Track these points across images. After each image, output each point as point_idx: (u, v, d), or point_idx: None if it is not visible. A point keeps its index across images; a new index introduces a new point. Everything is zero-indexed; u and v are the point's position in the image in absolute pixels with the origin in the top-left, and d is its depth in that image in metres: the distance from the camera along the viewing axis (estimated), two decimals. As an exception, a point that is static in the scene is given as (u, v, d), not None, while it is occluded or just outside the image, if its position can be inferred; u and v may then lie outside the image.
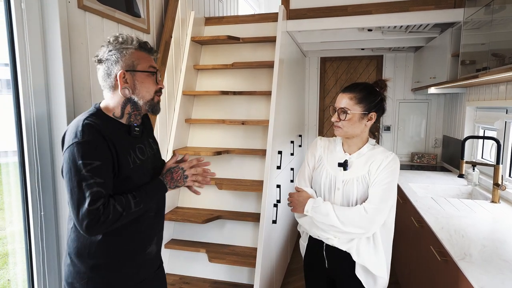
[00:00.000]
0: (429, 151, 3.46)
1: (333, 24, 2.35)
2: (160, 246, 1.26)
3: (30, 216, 1.34)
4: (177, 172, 1.15)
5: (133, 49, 1.07)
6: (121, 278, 1.08)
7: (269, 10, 4.91)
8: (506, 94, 2.04)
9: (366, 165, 1.27)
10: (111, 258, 1.05)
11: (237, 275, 2.05)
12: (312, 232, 1.35)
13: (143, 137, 1.16)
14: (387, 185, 1.21)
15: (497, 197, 1.94)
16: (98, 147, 0.96)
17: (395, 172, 1.24)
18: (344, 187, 1.28)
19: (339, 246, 1.29)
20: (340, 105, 1.27)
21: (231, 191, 2.21)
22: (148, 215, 1.13)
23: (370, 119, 1.28)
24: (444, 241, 1.42)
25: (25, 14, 1.26)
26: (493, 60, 1.75)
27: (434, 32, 2.63)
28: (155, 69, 1.11)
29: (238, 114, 2.45)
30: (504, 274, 1.15)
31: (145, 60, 1.09)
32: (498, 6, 1.76)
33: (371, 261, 1.25)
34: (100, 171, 0.95)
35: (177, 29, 2.25)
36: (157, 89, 1.11)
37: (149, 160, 1.14)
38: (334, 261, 1.34)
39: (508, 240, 1.44)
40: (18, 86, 1.28)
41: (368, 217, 1.19)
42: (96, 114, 1.03)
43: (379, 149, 1.30)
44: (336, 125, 1.29)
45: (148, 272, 1.17)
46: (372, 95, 1.27)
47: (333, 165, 1.32)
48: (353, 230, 1.21)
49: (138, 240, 1.11)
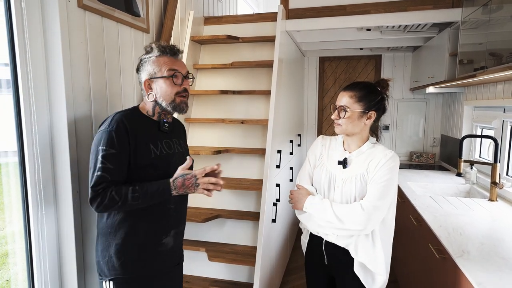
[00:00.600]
0: (427, 150, 3.48)
1: (331, 23, 2.36)
2: (180, 242, 1.32)
3: (30, 215, 1.34)
4: (189, 179, 1.14)
5: (154, 58, 1.20)
6: (134, 262, 1.17)
7: (267, 9, 4.92)
8: (503, 93, 2.05)
9: (365, 163, 1.28)
10: (126, 241, 1.16)
11: (236, 274, 2.06)
12: (312, 229, 1.37)
13: (172, 135, 1.29)
14: (385, 183, 1.22)
15: (495, 195, 1.96)
16: (118, 138, 1.10)
17: (393, 170, 1.24)
18: (343, 185, 1.29)
19: (338, 242, 1.30)
20: (340, 103, 1.29)
21: (231, 190, 2.21)
22: (167, 207, 1.22)
23: (369, 117, 1.29)
24: (442, 238, 1.43)
25: (25, 13, 1.26)
26: (491, 60, 1.77)
27: (432, 32, 2.64)
28: (173, 71, 1.19)
29: (237, 113, 2.45)
30: (502, 271, 1.16)
31: (165, 65, 1.19)
32: (495, 6, 1.77)
33: (369, 258, 1.26)
34: (112, 158, 1.09)
35: (176, 29, 2.25)
36: (179, 90, 1.20)
37: (176, 155, 1.26)
38: (333, 258, 1.35)
39: (506, 238, 1.45)
40: (18, 86, 1.27)
41: (365, 214, 1.20)
42: (131, 110, 1.22)
43: (379, 148, 1.31)
44: (336, 123, 1.31)
45: (165, 264, 1.25)
46: (373, 94, 1.29)
47: (333, 163, 1.34)
48: (350, 227, 1.22)
49: (153, 228, 1.20)
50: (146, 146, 1.16)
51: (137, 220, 1.17)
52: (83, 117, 1.46)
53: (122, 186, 1.10)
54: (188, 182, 1.14)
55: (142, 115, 1.23)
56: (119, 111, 1.20)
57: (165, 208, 1.21)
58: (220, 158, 2.29)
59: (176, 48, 1.23)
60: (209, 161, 2.28)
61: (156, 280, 1.22)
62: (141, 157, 1.14)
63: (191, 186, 1.14)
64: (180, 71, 1.20)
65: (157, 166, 1.18)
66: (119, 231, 1.16)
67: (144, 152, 1.15)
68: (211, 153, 2.13)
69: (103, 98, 1.58)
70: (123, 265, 1.16)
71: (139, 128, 1.16)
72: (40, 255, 1.36)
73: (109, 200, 1.07)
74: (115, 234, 1.16)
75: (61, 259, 1.43)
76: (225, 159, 2.33)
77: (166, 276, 1.26)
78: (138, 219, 1.17)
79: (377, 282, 1.29)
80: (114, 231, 1.16)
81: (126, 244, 1.16)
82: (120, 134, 1.11)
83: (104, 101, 1.59)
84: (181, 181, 1.13)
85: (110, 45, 1.62)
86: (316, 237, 1.39)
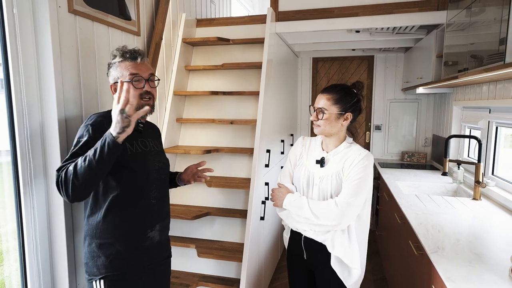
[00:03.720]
0: (419, 150, 3.52)
1: (320, 26, 2.41)
2: (166, 236, 1.36)
3: (23, 213, 1.39)
4: (117, 114, 1.05)
5: (117, 63, 1.23)
6: (122, 259, 1.20)
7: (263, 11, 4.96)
8: (488, 94, 2.09)
9: (341, 162, 1.35)
10: (113, 239, 1.20)
11: (225, 270, 2.11)
12: (291, 225, 1.42)
13: (147, 135, 1.33)
14: (358, 181, 1.28)
15: (478, 194, 2.00)
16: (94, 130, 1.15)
17: (367, 168, 1.30)
18: (321, 183, 1.35)
19: (315, 237, 1.35)
20: (318, 105, 1.35)
21: (220, 189, 2.26)
22: (148, 201, 1.26)
23: (346, 119, 1.36)
24: (420, 235, 1.47)
25: (17, 18, 1.32)
26: (472, 62, 1.81)
27: (421, 34, 2.69)
28: (134, 75, 1.21)
29: (227, 113, 2.50)
30: (472, 266, 1.20)
31: (126, 70, 1.22)
32: (477, 9, 1.81)
33: (345, 252, 1.31)
34: (84, 145, 1.12)
35: (168, 31, 2.31)
36: (140, 92, 1.22)
37: (152, 153, 1.30)
38: (311, 252, 1.41)
39: (483, 235, 1.49)
40: (11, 87, 1.33)
41: (338, 210, 1.26)
42: (107, 112, 1.25)
43: (355, 147, 1.38)
44: (314, 124, 1.37)
45: (153, 258, 1.29)
46: (349, 96, 1.35)
47: (312, 162, 1.41)
48: (325, 223, 1.27)
49: (137, 223, 1.24)
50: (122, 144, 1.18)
51: (121, 217, 1.20)
52: (74, 116, 1.51)
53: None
54: (117, 116, 1.05)
55: None
56: (96, 113, 1.26)
57: (147, 203, 1.25)
58: (210, 158, 2.35)
59: (138, 52, 1.24)
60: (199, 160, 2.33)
61: (145, 275, 1.26)
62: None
63: (120, 115, 1.04)
64: (141, 75, 1.22)
65: (133, 162, 1.21)
66: (104, 230, 1.19)
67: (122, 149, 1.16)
68: (201, 153, 2.19)
69: (94, 98, 1.64)
70: (112, 263, 1.19)
71: None
72: (32, 251, 1.41)
73: (65, 174, 1.05)
74: (101, 233, 1.19)
75: (53, 255, 1.48)
76: (215, 159, 2.38)
77: (155, 270, 1.30)
78: (121, 216, 1.20)
79: (353, 276, 1.34)
80: (99, 231, 1.19)
81: (113, 242, 1.19)
82: (97, 126, 1.16)
83: (94, 101, 1.64)
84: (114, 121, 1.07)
85: (100, 48, 1.68)
86: (296, 233, 1.45)
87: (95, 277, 1.20)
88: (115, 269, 1.19)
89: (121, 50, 1.23)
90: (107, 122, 1.14)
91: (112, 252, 1.19)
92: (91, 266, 1.21)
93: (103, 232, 1.19)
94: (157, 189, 1.29)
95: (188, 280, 2.04)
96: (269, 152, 2.28)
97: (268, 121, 2.32)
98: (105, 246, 1.19)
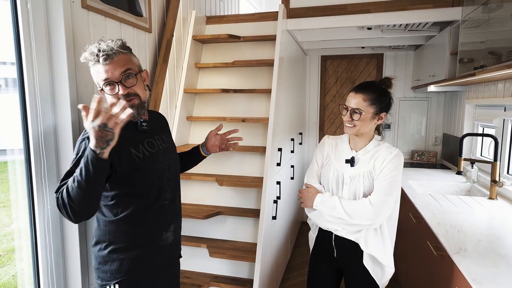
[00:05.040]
0: (429, 149, 3.48)
1: (332, 22, 2.37)
2: (178, 236, 1.34)
3: (36, 211, 1.37)
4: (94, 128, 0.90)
5: (91, 67, 1.07)
6: (138, 262, 1.16)
7: (270, 8, 4.93)
8: (504, 92, 2.06)
9: (371, 161, 1.34)
10: (128, 242, 1.15)
11: (237, 270, 2.08)
12: (322, 225, 1.41)
13: (153, 133, 1.23)
14: (391, 179, 1.28)
15: (494, 193, 1.97)
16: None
17: (398, 167, 1.30)
18: (351, 182, 1.34)
19: (348, 236, 1.35)
20: (352, 105, 1.32)
21: (232, 188, 2.24)
22: (162, 203, 1.21)
23: (380, 118, 1.35)
24: (440, 236, 1.45)
25: (31, 14, 1.30)
26: (490, 58, 1.77)
27: (433, 31, 2.65)
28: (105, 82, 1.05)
29: (238, 111, 2.48)
30: (497, 267, 1.17)
31: (99, 76, 1.06)
32: (495, 5, 1.78)
33: (379, 251, 1.32)
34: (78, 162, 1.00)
35: (178, 28, 2.28)
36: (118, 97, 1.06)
37: (161, 152, 1.22)
38: (342, 251, 1.40)
39: (503, 235, 1.46)
40: (24, 85, 1.31)
41: (373, 209, 1.25)
42: None
43: (384, 145, 1.37)
44: (348, 125, 1.34)
45: (165, 259, 1.25)
46: (384, 96, 1.34)
47: (341, 161, 1.39)
48: (359, 222, 1.27)
49: (152, 226, 1.19)
50: (127, 151, 1.10)
51: (136, 220, 1.15)
52: (87, 115, 1.49)
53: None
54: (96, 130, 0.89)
55: None
56: None
57: (161, 205, 1.21)
58: (221, 156, 2.32)
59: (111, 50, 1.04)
60: (210, 158, 2.30)
61: (159, 276, 1.24)
62: (124, 163, 1.09)
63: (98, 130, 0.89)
64: (111, 79, 1.05)
65: (144, 168, 1.14)
66: (118, 235, 1.14)
67: (127, 157, 1.10)
68: (212, 151, 2.16)
69: (106, 96, 1.62)
70: (127, 267, 1.15)
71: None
72: (45, 250, 1.40)
73: (61, 197, 0.97)
74: (114, 238, 1.14)
75: (65, 255, 1.47)
76: (226, 157, 2.35)
77: (167, 271, 1.28)
78: (136, 220, 1.15)
79: (386, 274, 1.36)
80: (112, 235, 1.14)
81: (128, 246, 1.15)
82: None
83: (107, 100, 1.62)
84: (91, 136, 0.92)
85: (113, 45, 1.65)
86: (325, 232, 1.43)
87: (109, 282, 1.16)
88: (130, 272, 1.16)
89: (91, 50, 1.04)
90: None
91: (127, 256, 1.15)
92: (103, 271, 1.16)
93: (117, 237, 1.14)
94: (170, 189, 1.26)
95: (200, 280, 2.02)
96: (280, 150, 2.25)
97: (280, 120, 2.29)
98: (120, 251, 1.15)
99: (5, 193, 1.51)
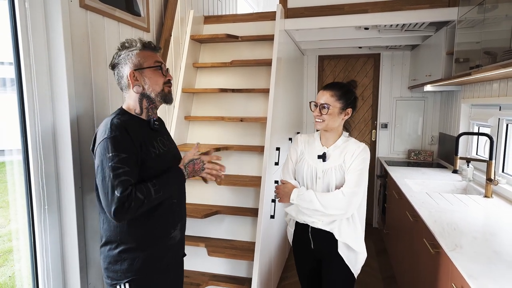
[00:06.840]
0: (425, 148, 3.51)
1: (330, 22, 2.39)
2: (184, 234, 1.36)
3: (34, 212, 1.37)
4: (198, 164, 1.25)
5: (137, 50, 1.20)
6: (148, 261, 1.18)
7: (267, 8, 4.94)
8: (499, 91, 2.08)
9: (341, 155, 1.44)
10: (139, 242, 1.17)
11: (235, 269, 2.09)
12: (299, 218, 1.50)
13: (162, 132, 1.31)
14: (360, 171, 1.39)
15: (490, 192, 1.99)
16: (124, 141, 1.09)
17: (366, 160, 1.42)
18: (324, 176, 1.44)
19: (323, 227, 1.45)
20: (321, 101, 1.43)
21: (230, 187, 2.25)
22: (171, 201, 1.24)
23: (347, 114, 1.46)
24: (436, 233, 1.46)
25: (28, 13, 1.29)
26: (486, 58, 1.79)
27: (430, 31, 2.67)
28: (160, 63, 1.22)
29: (236, 111, 2.48)
30: (493, 264, 1.19)
31: (150, 58, 1.21)
32: (490, 5, 1.80)
33: (351, 238, 1.43)
34: (127, 161, 1.07)
35: (176, 28, 2.28)
36: (165, 80, 1.22)
37: (170, 151, 1.30)
38: (318, 242, 1.49)
39: (498, 232, 1.48)
40: (22, 85, 1.30)
41: (346, 199, 1.36)
42: (121, 114, 1.19)
43: (352, 141, 1.48)
44: (317, 120, 1.44)
45: (173, 257, 1.29)
46: (349, 93, 1.45)
47: (313, 157, 1.48)
48: (334, 212, 1.37)
49: (162, 225, 1.22)
50: (146, 147, 1.16)
51: (146, 220, 1.17)
52: (85, 114, 1.49)
53: (140, 184, 1.08)
54: (197, 166, 1.24)
55: (132, 116, 1.20)
56: (112, 117, 1.15)
57: (170, 203, 1.23)
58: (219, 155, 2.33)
59: (158, 46, 1.27)
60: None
61: (167, 274, 1.25)
62: (145, 158, 1.14)
63: (199, 170, 1.25)
64: (164, 65, 1.25)
65: (160, 165, 1.18)
66: (129, 234, 1.15)
67: (147, 153, 1.15)
68: (210, 151, 2.16)
69: (105, 95, 1.62)
70: (138, 266, 1.16)
71: (135, 130, 1.14)
72: (43, 250, 1.39)
73: (135, 201, 1.03)
74: (125, 237, 1.15)
75: (64, 254, 1.46)
76: (224, 156, 2.36)
77: (174, 268, 1.30)
78: (146, 219, 1.17)
79: (359, 260, 1.47)
80: (123, 235, 1.15)
81: (139, 245, 1.16)
82: (125, 138, 1.09)
83: (106, 99, 1.62)
84: (192, 166, 1.23)
85: (111, 44, 1.65)
86: (302, 225, 1.52)
87: (120, 281, 1.17)
88: (141, 271, 1.17)
89: (139, 40, 1.22)
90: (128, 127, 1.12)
91: (138, 255, 1.16)
92: (114, 270, 1.17)
93: (128, 236, 1.16)
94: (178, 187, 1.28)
95: (198, 279, 2.03)
96: (278, 150, 2.26)
97: (277, 119, 2.30)
98: (131, 250, 1.16)
99: (3, 193, 1.50)
